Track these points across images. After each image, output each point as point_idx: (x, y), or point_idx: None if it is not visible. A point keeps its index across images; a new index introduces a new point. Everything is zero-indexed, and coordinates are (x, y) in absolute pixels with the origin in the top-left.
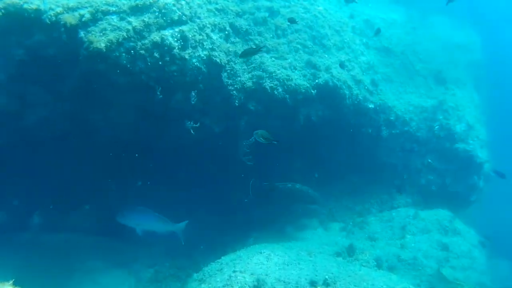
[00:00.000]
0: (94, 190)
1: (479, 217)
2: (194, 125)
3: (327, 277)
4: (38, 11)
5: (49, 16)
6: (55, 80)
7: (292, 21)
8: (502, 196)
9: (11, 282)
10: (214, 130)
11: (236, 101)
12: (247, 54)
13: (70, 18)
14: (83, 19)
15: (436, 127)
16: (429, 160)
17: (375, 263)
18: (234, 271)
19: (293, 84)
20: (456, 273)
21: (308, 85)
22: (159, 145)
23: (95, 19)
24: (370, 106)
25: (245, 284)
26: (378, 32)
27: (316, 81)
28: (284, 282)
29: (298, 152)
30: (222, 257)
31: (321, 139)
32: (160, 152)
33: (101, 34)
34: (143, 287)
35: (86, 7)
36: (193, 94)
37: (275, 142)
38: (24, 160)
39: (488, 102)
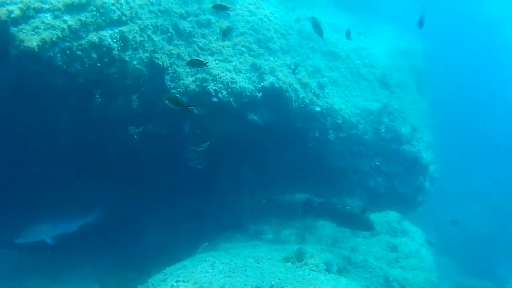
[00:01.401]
0: (31, 201)
1: (426, 217)
2: (136, 129)
3: (273, 283)
4: None
5: None
6: None
7: (226, 33)
8: (447, 197)
9: None
10: (160, 133)
11: None
12: (193, 64)
13: None
14: (12, 15)
15: (383, 129)
16: (377, 163)
17: (325, 267)
18: (177, 281)
19: (237, 87)
20: (406, 273)
21: (253, 88)
22: (100, 151)
23: (26, 16)
24: (317, 109)
25: None
26: (349, 34)
27: (262, 84)
28: None
29: (245, 157)
30: (168, 267)
31: (269, 144)
32: (103, 158)
33: (33, 32)
34: None
35: (15, 3)
36: (135, 97)
37: (191, 109)
38: None
39: (431, 105)
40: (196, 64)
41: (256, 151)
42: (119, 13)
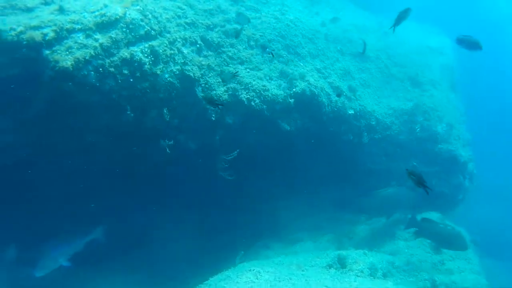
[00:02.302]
0: (68, 219)
1: (468, 216)
2: (168, 142)
3: None
4: None
5: (10, 36)
6: (19, 104)
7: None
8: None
9: None
10: (191, 146)
11: (213, 115)
12: (224, 80)
13: (32, 37)
14: (47, 37)
15: (418, 129)
16: (414, 163)
17: (369, 272)
18: None
19: (270, 95)
20: (453, 276)
21: (286, 94)
22: (135, 167)
23: (59, 37)
24: (350, 112)
25: None
26: (364, 49)
27: (294, 89)
28: None
29: (278, 165)
30: (210, 278)
31: (301, 150)
32: (137, 174)
33: (67, 52)
34: None
35: (49, 26)
36: (166, 110)
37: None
38: None
39: (465, 102)
40: (227, 77)
41: (288, 157)
42: (148, 28)
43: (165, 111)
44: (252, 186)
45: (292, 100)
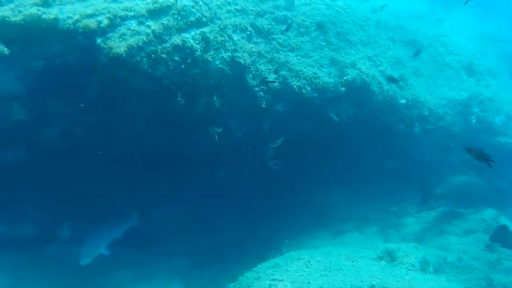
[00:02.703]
0: (119, 202)
1: None
2: (217, 130)
3: (374, 283)
4: (56, 20)
5: (67, 25)
6: (74, 90)
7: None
8: None
9: None
10: (238, 134)
11: (263, 103)
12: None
13: (87, 25)
14: (101, 25)
15: (473, 120)
16: (468, 156)
17: (420, 266)
18: (273, 279)
19: (321, 82)
20: None
21: (337, 82)
22: (182, 153)
23: (113, 24)
24: (402, 101)
25: None
26: (417, 53)
27: (345, 78)
28: None
29: (327, 154)
30: (258, 265)
31: (351, 139)
32: (184, 160)
33: (121, 39)
34: None
35: (103, 14)
36: (217, 97)
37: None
38: (47, 173)
39: None
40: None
41: (338, 146)
42: (199, 14)
43: (215, 98)
44: (299, 175)
45: (343, 89)
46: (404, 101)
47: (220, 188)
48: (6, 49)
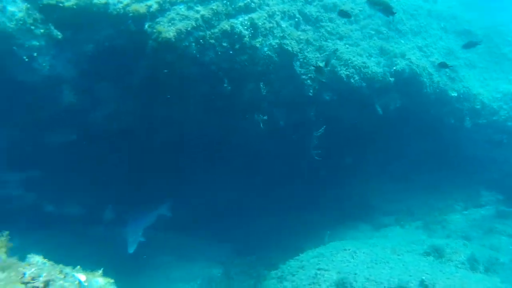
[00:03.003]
0: (161, 185)
1: None
2: (263, 117)
3: (423, 278)
4: (106, 5)
5: (117, 9)
6: (123, 74)
7: (343, 14)
8: None
9: (100, 272)
10: (283, 122)
11: (310, 91)
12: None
13: (137, 10)
14: (151, 9)
15: None
16: None
17: (470, 265)
18: (319, 269)
19: (370, 72)
20: None
21: (385, 72)
22: (226, 140)
23: (162, 9)
24: (453, 94)
25: (333, 282)
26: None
27: (394, 68)
28: (375, 281)
29: (371, 145)
30: (301, 254)
31: (397, 131)
32: (227, 147)
33: (170, 24)
34: (216, 284)
35: None
36: (263, 84)
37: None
38: (93, 155)
39: None
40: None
41: (383, 137)
42: (248, 0)
43: (261, 85)
44: (341, 166)
45: (392, 79)
46: (455, 94)
47: (263, 176)
48: (59, 33)
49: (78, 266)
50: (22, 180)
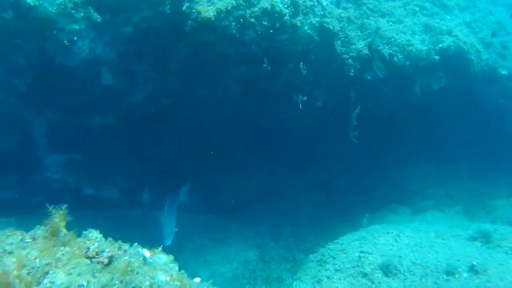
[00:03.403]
0: (198, 168)
1: None
2: (302, 98)
3: (474, 263)
4: None
5: None
6: (161, 56)
7: None
8: None
9: (159, 249)
10: (321, 103)
11: (352, 71)
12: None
13: None
14: None
15: None
16: None
17: None
18: (362, 252)
19: (414, 50)
20: None
21: (430, 50)
22: (264, 121)
23: None
24: (503, 72)
25: (377, 266)
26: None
27: (439, 45)
28: (421, 265)
29: (412, 127)
30: (340, 238)
31: (440, 112)
32: (265, 128)
33: (209, 3)
34: (252, 267)
35: None
36: (303, 64)
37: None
38: (131, 138)
39: None
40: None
41: (426, 119)
42: None
43: (301, 65)
44: (380, 148)
45: (437, 57)
46: (506, 72)
47: (300, 159)
48: (98, 16)
49: (136, 243)
50: (63, 163)
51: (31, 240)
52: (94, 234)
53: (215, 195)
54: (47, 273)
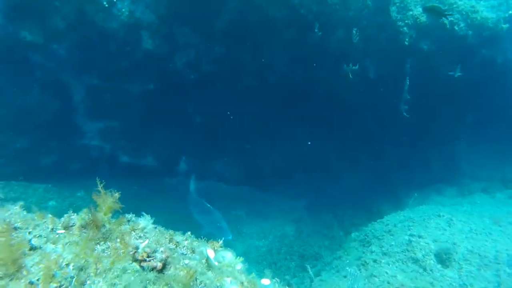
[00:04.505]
0: (238, 138)
1: None
2: (353, 67)
3: None
4: None
5: None
6: (205, 19)
7: None
8: None
9: (219, 243)
10: (373, 74)
11: (406, 39)
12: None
13: None
14: None
15: None
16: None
17: None
18: (411, 235)
19: (478, 18)
20: None
21: (499, 18)
22: (311, 90)
23: None
24: None
25: (430, 252)
26: None
27: (510, 12)
28: (479, 255)
29: (471, 103)
30: (386, 217)
31: (500, 88)
32: (311, 98)
33: None
34: (289, 241)
35: None
36: (355, 31)
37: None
38: (170, 106)
39: None
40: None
41: (482, 95)
42: None
43: (353, 31)
44: (433, 124)
45: (505, 26)
46: None
47: (346, 132)
48: None
49: (188, 232)
50: (100, 131)
51: (64, 230)
52: (143, 223)
53: (254, 166)
54: (83, 284)
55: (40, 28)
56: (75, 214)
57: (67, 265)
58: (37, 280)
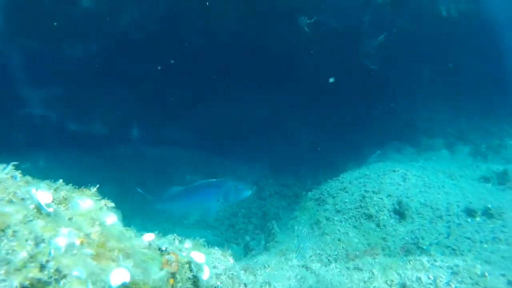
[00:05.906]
0: (190, 102)
1: None
2: (308, 21)
3: (489, 206)
4: None
5: None
6: None
7: None
8: None
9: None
10: (331, 26)
11: None
12: None
13: None
14: None
15: None
16: None
17: None
18: (366, 191)
19: None
20: None
21: None
22: (264, 48)
23: None
24: None
25: (384, 207)
26: None
27: None
28: (431, 208)
29: (427, 57)
30: (341, 175)
31: (455, 43)
32: (266, 56)
33: None
34: (246, 205)
35: None
36: None
37: None
38: (116, 69)
39: None
40: None
41: (443, 47)
42: None
43: None
44: (391, 79)
45: None
46: None
47: (304, 90)
48: None
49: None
50: (43, 98)
51: None
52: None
53: (208, 128)
54: None
55: None
56: None
57: None
58: None
